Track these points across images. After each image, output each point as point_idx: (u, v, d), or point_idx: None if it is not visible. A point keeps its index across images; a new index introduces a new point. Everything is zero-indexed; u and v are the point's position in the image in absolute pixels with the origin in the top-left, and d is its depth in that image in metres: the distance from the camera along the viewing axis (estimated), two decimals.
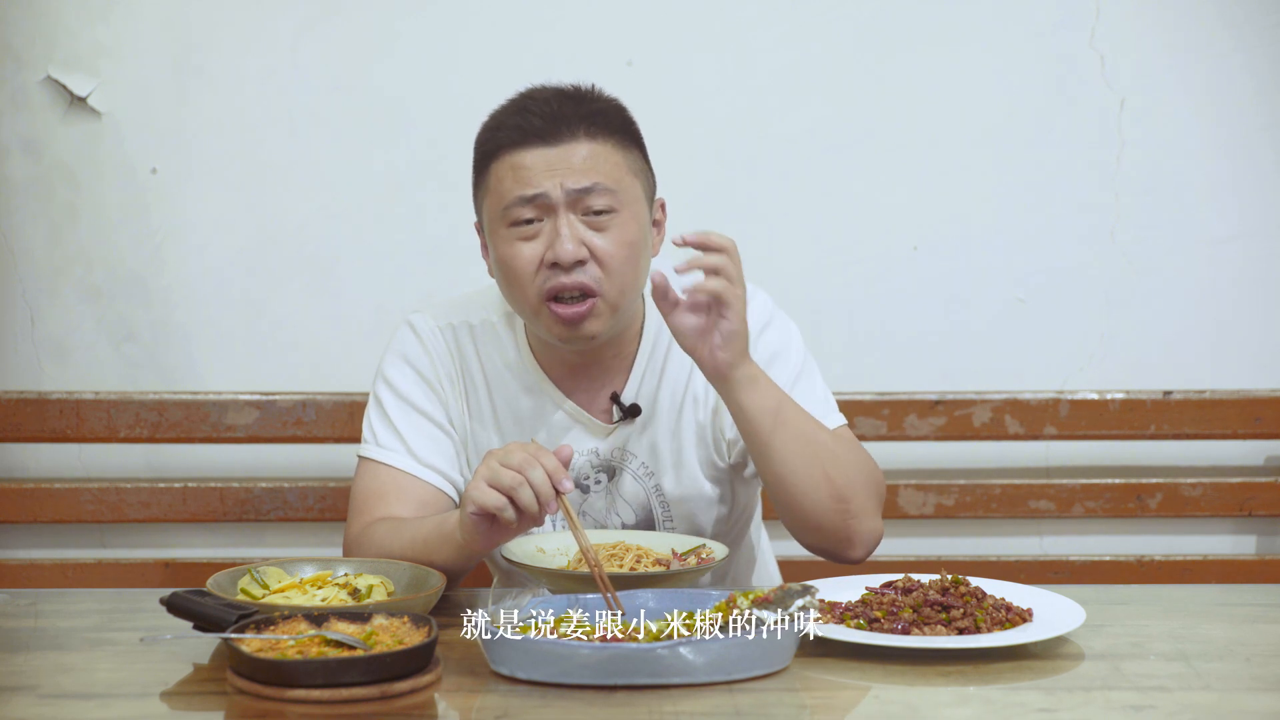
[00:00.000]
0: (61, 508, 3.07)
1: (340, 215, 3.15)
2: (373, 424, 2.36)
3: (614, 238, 2.23)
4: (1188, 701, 1.78)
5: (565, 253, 2.20)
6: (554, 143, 2.22)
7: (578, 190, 2.21)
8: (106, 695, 1.79)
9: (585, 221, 2.22)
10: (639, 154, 2.30)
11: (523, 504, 1.97)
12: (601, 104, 2.28)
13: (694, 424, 2.37)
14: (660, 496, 2.37)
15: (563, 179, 2.21)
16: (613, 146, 2.25)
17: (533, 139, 2.23)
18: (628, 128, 2.30)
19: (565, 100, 2.26)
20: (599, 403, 2.36)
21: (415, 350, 2.38)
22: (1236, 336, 3.20)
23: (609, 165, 2.24)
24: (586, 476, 2.36)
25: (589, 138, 2.24)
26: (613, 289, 2.24)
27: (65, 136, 3.09)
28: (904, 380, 3.17)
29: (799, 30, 3.14)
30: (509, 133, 2.24)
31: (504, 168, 2.24)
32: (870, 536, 2.25)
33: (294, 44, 3.11)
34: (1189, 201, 3.18)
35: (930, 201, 3.18)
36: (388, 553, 2.17)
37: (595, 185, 2.22)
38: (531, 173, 2.22)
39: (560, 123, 2.23)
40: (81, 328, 3.13)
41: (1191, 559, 3.17)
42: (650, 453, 2.36)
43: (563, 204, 2.21)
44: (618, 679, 1.77)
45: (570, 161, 2.22)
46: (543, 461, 1.97)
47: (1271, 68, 3.15)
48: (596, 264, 2.22)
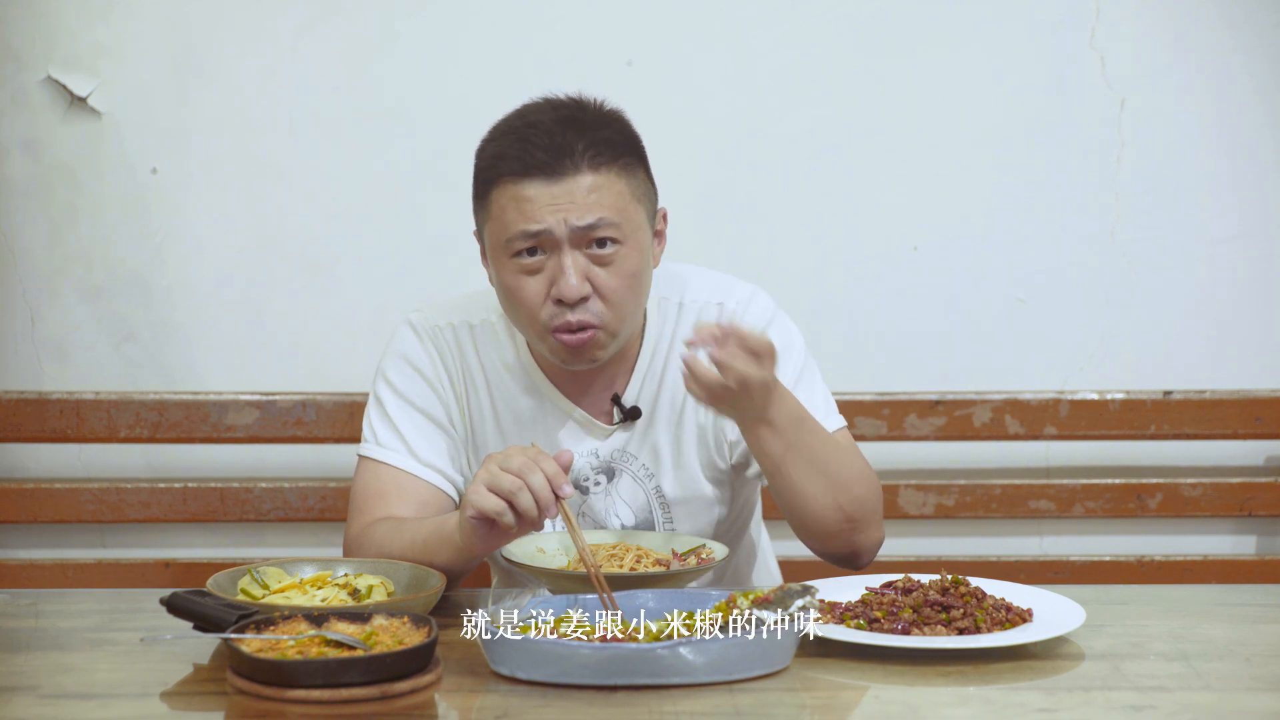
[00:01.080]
0: (61, 508, 3.08)
1: (340, 215, 3.15)
2: (373, 423, 2.36)
3: (617, 270, 2.22)
4: (1188, 701, 1.78)
5: (570, 290, 2.19)
6: (557, 177, 2.19)
7: (581, 227, 2.19)
8: (106, 695, 1.80)
9: (589, 255, 2.21)
10: (642, 174, 2.27)
11: (522, 509, 1.97)
12: (604, 130, 2.23)
13: (695, 426, 2.37)
14: (660, 498, 2.37)
15: (566, 215, 2.19)
16: (616, 174, 2.22)
17: (535, 172, 2.19)
18: (631, 149, 2.26)
19: (567, 129, 2.21)
20: (600, 404, 2.36)
21: (415, 350, 2.38)
22: (1236, 336, 3.20)
23: (612, 197, 2.21)
24: (586, 478, 2.36)
25: (592, 169, 2.20)
26: (615, 320, 2.24)
27: (65, 136, 3.09)
28: (904, 380, 3.17)
29: (799, 30, 3.14)
30: (511, 163, 2.21)
31: (506, 197, 2.21)
32: (874, 546, 2.29)
33: (294, 44, 3.11)
34: (1189, 201, 3.18)
35: (930, 201, 3.18)
36: (388, 553, 2.17)
37: (599, 221, 2.20)
38: (534, 207, 2.19)
39: (563, 155, 2.19)
40: (81, 328, 3.13)
41: (1191, 559, 3.17)
42: (651, 454, 2.37)
43: (566, 240, 2.19)
44: (618, 679, 1.77)
45: (574, 196, 2.19)
46: (543, 466, 1.97)
47: (1271, 68, 3.15)
48: (600, 298, 2.21)
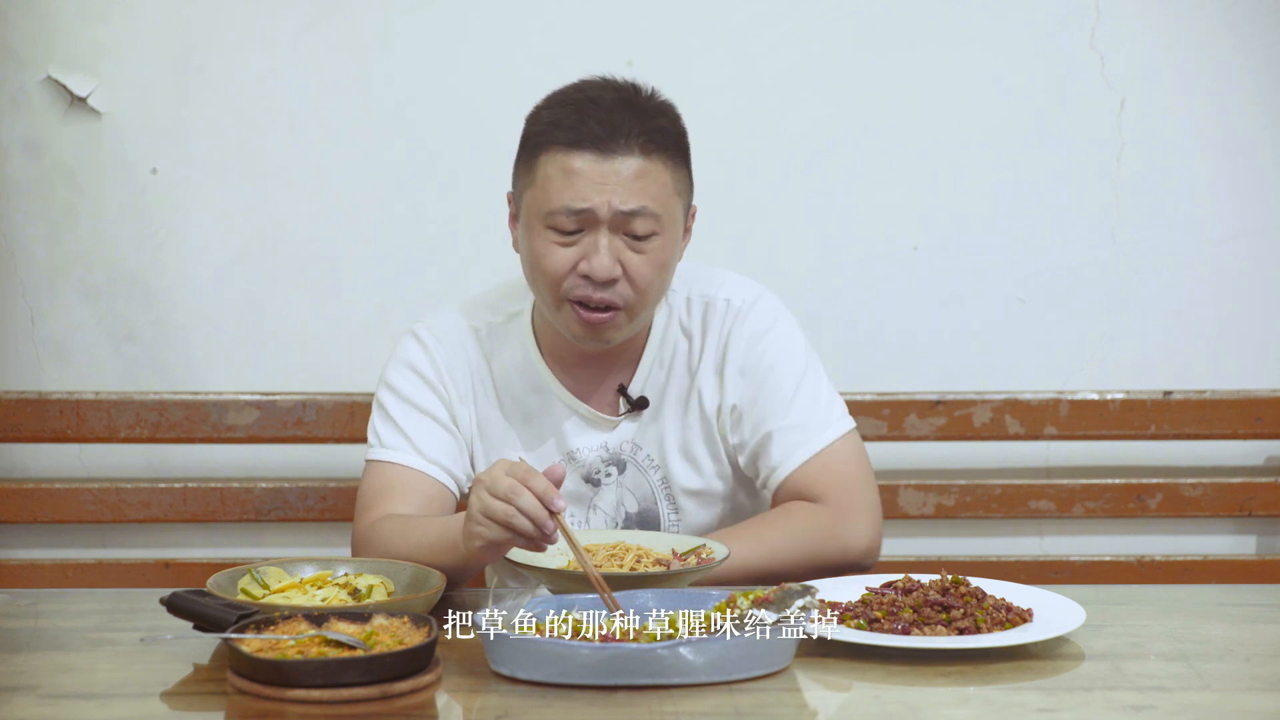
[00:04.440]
0: (61, 508, 3.07)
1: (340, 215, 3.14)
2: (377, 428, 2.38)
3: (650, 259, 2.24)
4: (1188, 701, 1.78)
5: (602, 271, 2.21)
6: (608, 154, 2.21)
7: (625, 212, 2.21)
8: (106, 695, 1.79)
9: (624, 238, 2.23)
10: (685, 170, 2.30)
11: (520, 531, 1.98)
12: (659, 119, 2.26)
13: (699, 419, 2.38)
14: (666, 489, 2.39)
15: (611, 197, 2.21)
16: (663, 164, 2.24)
17: (587, 145, 2.21)
18: (679, 143, 2.29)
19: (625, 110, 2.23)
20: (606, 397, 2.38)
21: (418, 356, 2.39)
22: (1236, 336, 3.20)
23: (657, 187, 2.23)
24: (597, 471, 2.38)
25: (643, 154, 2.22)
26: (638, 305, 2.26)
27: (65, 136, 3.09)
28: (904, 380, 3.17)
29: (799, 30, 3.14)
30: (564, 133, 2.22)
31: (553, 166, 2.23)
32: (871, 557, 2.30)
33: (294, 44, 3.11)
34: (1189, 201, 3.18)
35: (930, 201, 3.18)
36: (394, 552, 2.18)
37: (642, 209, 2.22)
38: (581, 182, 2.21)
39: (617, 134, 2.21)
40: (81, 328, 3.13)
41: (1191, 559, 3.17)
42: (656, 444, 2.38)
43: (607, 222, 2.22)
44: (618, 679, 1.77)
45: (621, 177, 2.21)
46: (531, 485, 1.97)
47: (1271, 68, 3.14)
48: (627, 282, 2.24)
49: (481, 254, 3.13)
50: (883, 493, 2.56)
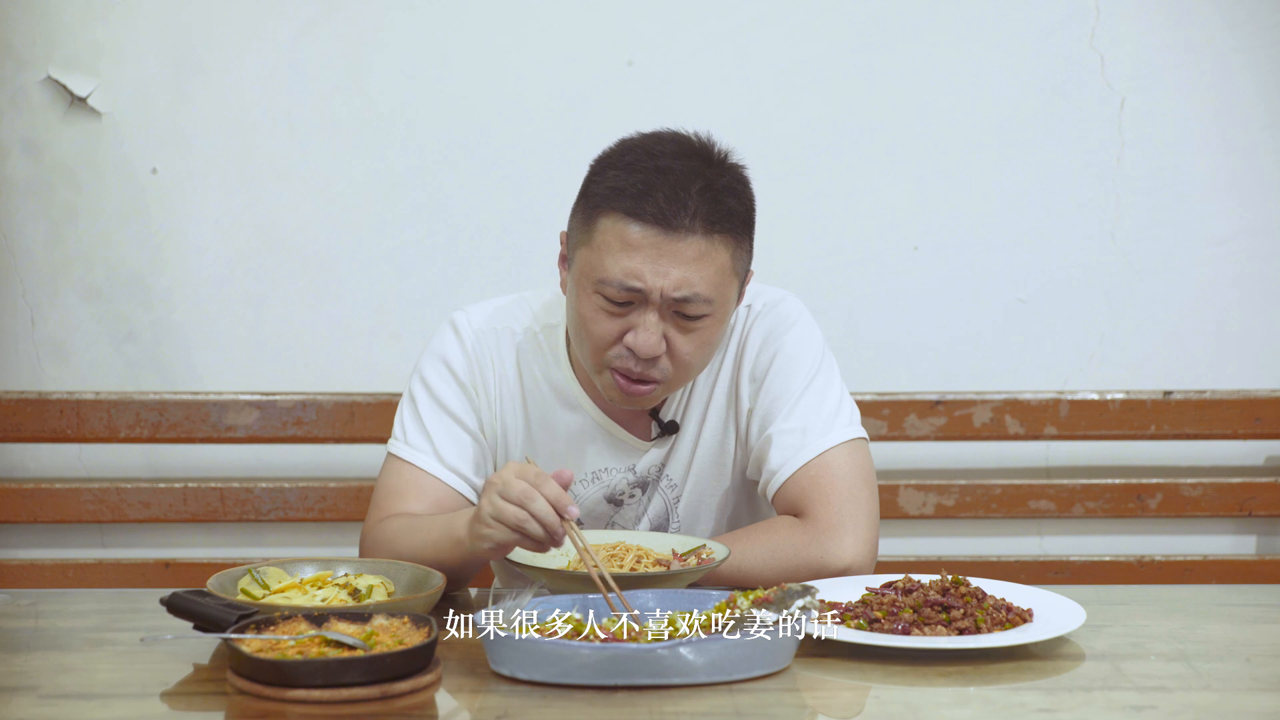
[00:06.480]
0: (61, 508, 3.08)
1: (340, 215, 3.15)
2: (404, 421, 2.35)
3: (697, 339, 2.19)
4: (1188, 701, 1.78)
5: (646, 349, 2.17)
6: (669, 232, 2.14)
7: (676, 299, 2.16)
8: (106, 695, 1.79)
9: (673, 318, 2.18)
10: (748, 243, 2.24)
11: (531, 536, 1.98)
12: (729, 200, 2.18)
13: (713, 439, 2.37)
14: (677, 506, 2.38)
15: (664, 282, 2.14)
16: (725, 245, 2.17)
17: (649, 219, 2.14)
18: (745, 221, 2.22)
19: (693, 184, 2.15)
20: (639, 420, 2.36)
21: (454, 352, 2.36)
22: (1236, 336, 3.21)
23: (713, 270, 2.16)
24: (622, 492, 2.37)
25: (705, 235, 2.15)
26: (678, 380, 2.23)
27: (65, 136, 3.09)
28: (904, 380, 3.17)
29: (799, 30, 3.14)
30: (627, 201, 2.15)
31: (611, 233, 2.16)
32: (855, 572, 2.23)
33: (294, 44, 3.11)
34: (1189, 201, 3.18)
35: (930, 201, 3.18)
36: (399, 551, 2.18)
37: (694, 295, 2.15)
38: (638, 258, 2.14)
39: (683, 213, 2.14)
40: (81, 328, 3.14)
41: (1191, 559, 3.17)
42: (680, 467, 2.37)
43: (658, 305, 2.17)
44: (618, 679, 1.77)
45: (680, 258, 2.14)
46: (543, 490, 1.96)
47: (1271, 68, 3.15)
48: (670, 358, 2.19)
49: (481, 254, 3.13)
50: (883, 493, 2.56)
